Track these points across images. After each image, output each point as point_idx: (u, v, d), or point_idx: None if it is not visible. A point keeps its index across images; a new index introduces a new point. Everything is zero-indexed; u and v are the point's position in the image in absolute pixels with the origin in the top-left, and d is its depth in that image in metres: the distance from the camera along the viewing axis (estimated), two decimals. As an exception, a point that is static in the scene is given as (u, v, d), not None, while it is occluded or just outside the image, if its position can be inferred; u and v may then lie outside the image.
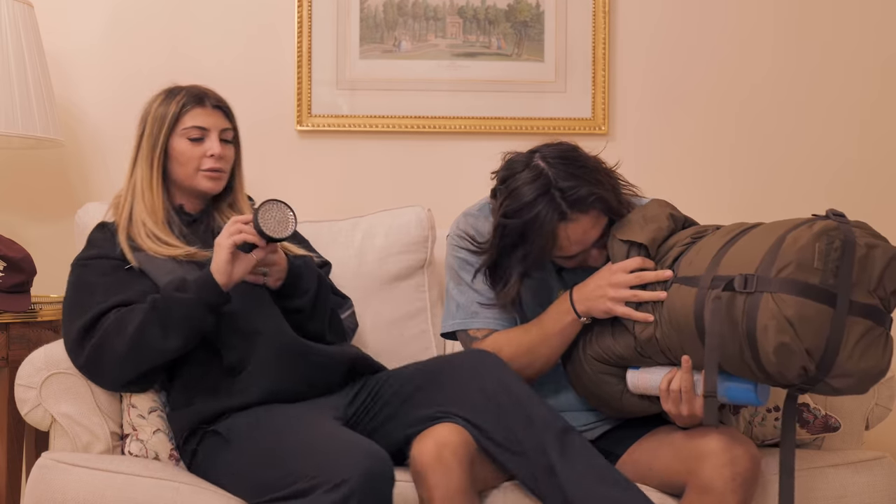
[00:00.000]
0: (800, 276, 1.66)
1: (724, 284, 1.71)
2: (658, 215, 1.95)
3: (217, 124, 2.20)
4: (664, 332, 1.83)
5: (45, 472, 1.91)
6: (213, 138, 2.19)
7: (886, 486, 1.99)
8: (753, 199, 2.89)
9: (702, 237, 1.88)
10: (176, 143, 2.18)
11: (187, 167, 2.18)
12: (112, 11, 2.81)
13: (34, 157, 2.79)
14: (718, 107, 2.90)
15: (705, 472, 1.79)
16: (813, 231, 1.69)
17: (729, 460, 1.79)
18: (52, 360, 2.04)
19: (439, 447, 1.79)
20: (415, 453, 1.82)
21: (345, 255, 2.53)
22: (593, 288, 1.92)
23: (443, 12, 2.85)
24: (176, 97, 2.20)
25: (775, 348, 1.65)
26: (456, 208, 2.34)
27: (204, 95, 2.21)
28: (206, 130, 2.19)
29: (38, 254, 2.48)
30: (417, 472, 1.81)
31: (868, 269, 1.69)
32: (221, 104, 2.23)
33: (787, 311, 1.65)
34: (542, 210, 1.90)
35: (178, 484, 1.91)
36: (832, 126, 2.91)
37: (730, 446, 1.80)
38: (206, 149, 2.18)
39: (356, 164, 2.86)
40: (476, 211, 2.19)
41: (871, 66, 2.91)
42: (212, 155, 2.18)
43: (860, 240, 1.70)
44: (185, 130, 2.18)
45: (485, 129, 2.84)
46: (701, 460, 1.81)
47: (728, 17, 2.90)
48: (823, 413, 2.13)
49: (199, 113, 2.19)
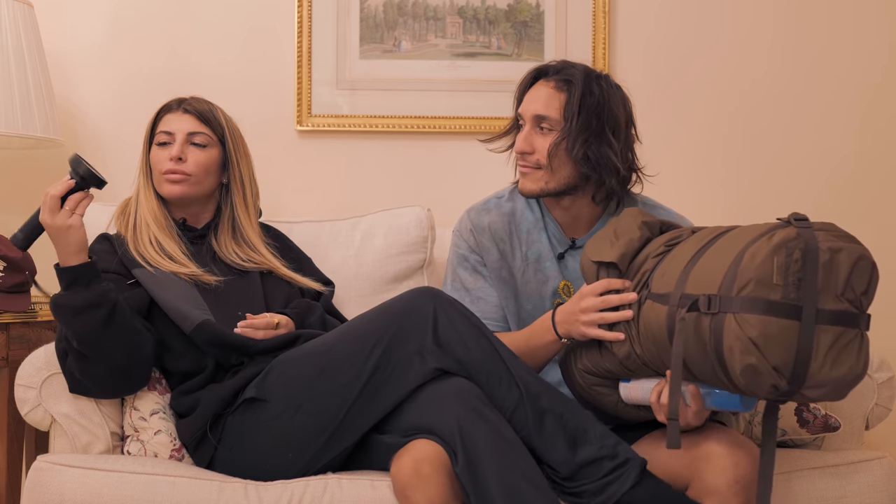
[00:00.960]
0: (760, 293, 1.62)
1: (689, 304, 1.68)
2: (629, 227, 1.94)
3: (183, 128, 2.17)
4: (643, 347, 1.83)
5: (41, 474, 1.91)
6: (179, 141, 2.16)
7: (886, 486, 1.99)
8: (753, 197, 2.89)
9: (675, 245, 1.86)
10: (152, 152, 2.19)
11: (155, 172, 2.18)
12: (112, 11, 2.81)
13: (34, 157, 2.79)
14: (718, 106, 2.90)
15: (708, 475, 1.79)
16: (771, 244, 1.63)
17: (732, 464, 1.78)
18: (52, 360, 2.03)
19: (417, 462, 1.77)
20: (393, 472, 1.80)
21: (344, 256, 2.53)
22: (568, 313, 1.95)
23: (443, 12, 2.85)
24: (160, 107, 2.21)
25: (742, 370, 1.62)
26: (456, 208, 2.35)
27: (180, 101, 2.20)
28: (172, 135, 2.17)
29: (39, 254, 2.48)
30: (399, 491, 1.80)
31: (834, 274, 1.64)
32: (196, 108, 2.19)
33: (750, 331, 1.61)
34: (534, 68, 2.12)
35: (174, 479, 1.90)
36: (830, 124, 2.91)
37: (732, 450, 1.79)
38: (170, 153, 2.16)
39: (356, 164, 2.86)
40: (481, 205, 2.21)
41: (869, 65, 2.91)
42: (171, 158, 2.15)
43: (823, 244, 1.64)
44: (157, 136, 2.18)
45: (485, 129, 2.84)
46: (703, 463, 1.80)
47: (727, 17, 2.90)
48: (823, 413, 2.12)
49: (168, 119, 2.19)
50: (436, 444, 1.81)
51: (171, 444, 2.06)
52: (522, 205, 2.18)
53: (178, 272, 2.10)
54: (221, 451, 1.98)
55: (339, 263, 2.49)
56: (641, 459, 1.83)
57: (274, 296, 2.18)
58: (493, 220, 2.17)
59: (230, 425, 1.97)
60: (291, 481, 1.91)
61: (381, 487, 1.89)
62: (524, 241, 2.16)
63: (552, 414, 1.85)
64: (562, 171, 2.05)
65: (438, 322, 1.88)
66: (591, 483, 1.81)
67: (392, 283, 2.54)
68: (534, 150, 2.06)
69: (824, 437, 2.14)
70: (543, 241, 2.16)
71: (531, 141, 2.06)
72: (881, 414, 2.17)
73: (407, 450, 1.82)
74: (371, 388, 1.87)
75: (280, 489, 1.89)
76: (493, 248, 2.16)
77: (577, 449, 1.82)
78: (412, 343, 1.87)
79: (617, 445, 1.83)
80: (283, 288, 2.21)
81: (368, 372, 1.87)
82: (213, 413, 1.98)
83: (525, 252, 2.16)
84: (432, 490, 1.75)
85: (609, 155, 2.03)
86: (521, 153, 2.07)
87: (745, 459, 1.79)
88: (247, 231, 2.24)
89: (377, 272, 2.53)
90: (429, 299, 1.90)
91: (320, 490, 1.89)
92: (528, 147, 2.06)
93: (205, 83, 2.80)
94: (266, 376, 1.96)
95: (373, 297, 2.50)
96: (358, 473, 1.94)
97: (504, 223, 2.17)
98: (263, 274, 2.21)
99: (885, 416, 2.18)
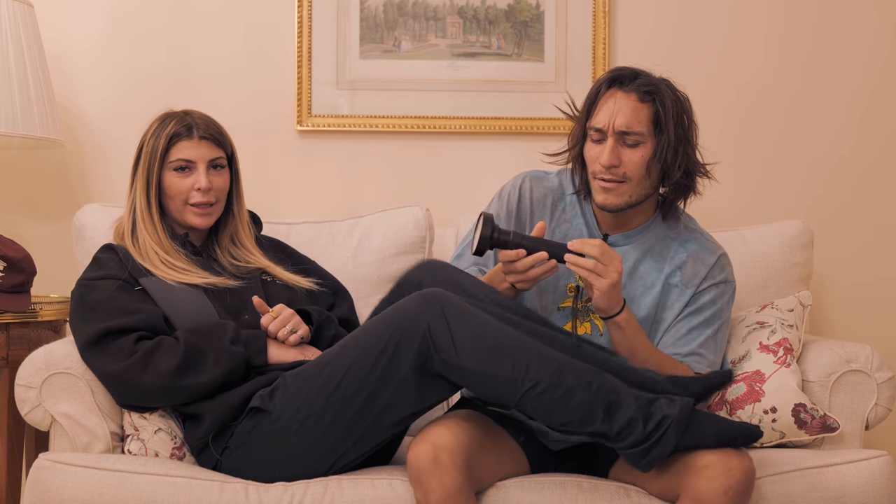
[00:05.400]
0: None
1: None
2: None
3: (204, 156, 2.17)
4: None
5: (43, 472, 1.91)
6: (201, 171, 2.16)
7: (886, 486, 1.99)
8: (752, 196, 2.89)
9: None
10: (165, 176, 2.17)
11: (176, 201, 2.17)
12: (112, 11, 2.81)
13: (34, 157, 2.79)
14: (717, 106, 2.90)
15: (698, 483, 1.78)
16: None
17: (722, 472, 1.76)
18: (52, 360, 2.03)
19: (436, 450, 1.79)
20: (411, 457, 1.81)
21: (342, 257, 2.53)
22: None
23: (443, 12, 2.85)
24: (166, 129, 2.17)
25: None
26: (456, 208, 2.35)
27: (193, 126, 2.18)
28: (193, 163, 2.17)
29: (38, 254, 2.49)
30: (414, 476, 1.81)
31: None
32: (210, 132, 2.19)
33: None
34: (605, 75, 2.09)
35: (175, 479, 1.90)
36: (828, 122, 2.91)
37: (724, 458, 1.78)
38: (194, 182, 2.16)
39: (356, 164, 2.86)
40: (542, 173, 2.24)
41: (868, 60, 2.91)
42: (199, 188, 2.16)
43: None
44: (172, 163, 2.17)
45: (485, 129, 2.84)
46: (695, 471, 1.79)
47: (726, 17, 2.90)
48: (822, 414, 2.12)
49: (185, 146, 2.17)
50: (454, 430, 1.82)
51: (171, 442, 2.06)
52: (568, 186, 2.20)
53: (187, 281, 2.11)
54: (227, 458, 1.99)
55: (337, 265, 2.49)
56: (682, 407, 1.78)
57: (276, 299, 2.18)
58: (536, 191, 2.19)
59: (238, 434, 1.98)
60: (292, 483, 1.91)
61: (381, 487, 1.90)
62: (556, 218, 2.17)
63: (581, 389, 1.79)
64: (645, 183, 2.06)
65: (438, 330, 1.83)
66: (633, 448, 1.78)
67: (390, 283, 2.53)
68: (621, 162, 2.04)
69: (824, 438, 2.14)
70: (578, 223, 2.16)
71: (619, 154, 2.04)
72: (881, 414, 2.17)
73: (425, 435, 1.82)
74: (376, 400, 1.87)
75: (280, 490, 1.90)
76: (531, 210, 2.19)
77: (613, 418, 1.77)
78: (411, 353, 1.84)
79: (651, 405, 1.79)
80: (284, 292, 2.22)
81: (371, 384, 1.86)
82: (221, 422, 1.98)
83: (553, 228, 2.17)
84: (449, 480, 1.77)
85: (696, 160, 2.08)
86: (608, 167, 2.05)
87: (738, 468, 1.77)
88: (240, 233, 2.27)
89: (375, 273, 2.53)
90: (426, 306, 1.85)
91: (321, 491, 1.89)
92: (617, 160, 2.04)
93: (205, 83, 2.80)
94: (274, 390, 1.96)
95: (372, 298, 2.49)
96: (358, 473, 1.94)
97: (542, 196, 2.19)
98: (265, 281, 2.22)
99: (885, 416, 2.18)
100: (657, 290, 2.11)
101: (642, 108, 2.03)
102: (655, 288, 2.11)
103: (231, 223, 2.26)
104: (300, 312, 2.15)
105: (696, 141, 2.10)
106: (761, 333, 2.22)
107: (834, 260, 2.86)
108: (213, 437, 1.99)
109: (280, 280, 2.23)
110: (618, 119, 2.03)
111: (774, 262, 2.57)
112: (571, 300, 2.13)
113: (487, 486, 1.92)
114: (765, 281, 2.55)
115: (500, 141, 2.82)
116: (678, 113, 2.05)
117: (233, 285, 2.15)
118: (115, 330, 2.01)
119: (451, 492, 1.77)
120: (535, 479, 1.95)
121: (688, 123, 2.07)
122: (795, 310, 2.27)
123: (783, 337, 2.20)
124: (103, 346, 2.01)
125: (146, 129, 2.20)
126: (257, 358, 2.03)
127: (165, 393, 2.00)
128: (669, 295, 2.12)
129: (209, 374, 1.98)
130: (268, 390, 1.97)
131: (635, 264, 2.12)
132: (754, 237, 2.61)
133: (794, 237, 2.60)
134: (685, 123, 2.06)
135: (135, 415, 2.06)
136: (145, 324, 2.03)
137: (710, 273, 2.12)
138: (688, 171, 2.07)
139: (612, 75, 2.08)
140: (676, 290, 2.11)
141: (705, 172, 2.11)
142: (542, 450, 2.04)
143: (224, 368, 1.98)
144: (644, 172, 2.04)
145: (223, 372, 1.98)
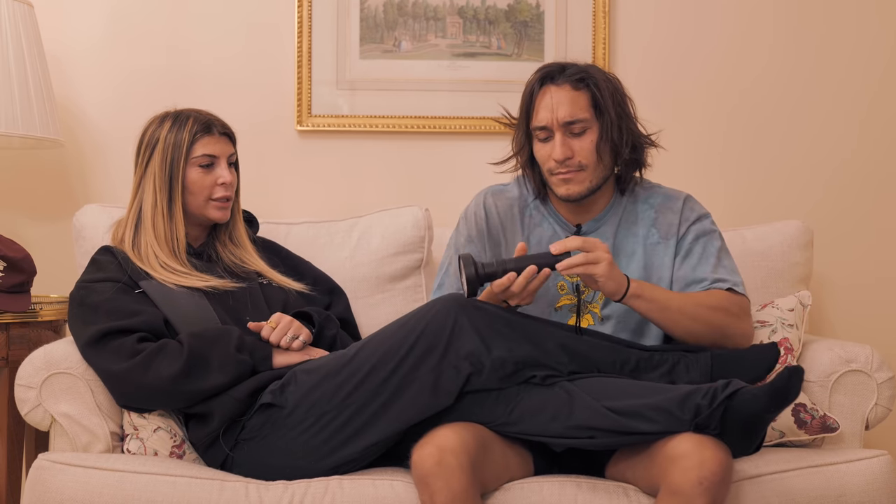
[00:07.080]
0: None
1: None
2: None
3: (225, 151, 2.22)
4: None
5: (42, 472, 1.91)
6: (223, 165, 2.21)
7: (886, 486, 1.99)
8: (753, 197, 2.89)
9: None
10: (189, 172, 2.19)
11: (199, 196, 2.19)
12: (112, 11, 2.81)
13: (34, 157, 2.79)
14: (718, 106, 2.90)
15: (674, 474, 1.76)
16: None
17: (697, 463, 1.74)
18: (52, 360, 2.04)
19: (441, 452, 1.78)
20: (416, 459, 1.81)
21: (341, 257, 2.53)
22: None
23: (443, 12, 2.85)
24: (186, 125, 2.19)
25: None
26: (456, 208, 2.35)
27: (211, 122, 2.21)
28: (216, 158, 2.20)
29: (38, 254, 2.48)
30: (419, 478, 1.80)
31: None
32: (227, 130, 2.25)
33: None
34: (534, 75, 2.13)
35: (174, 478, 1.90)
36: (830, 124, 2.91)
37: (699, 449, 1.76)
38: (217, 177, 2.20)
39: (356, 164, 2.86)
40: (501, 186, 2.26)
41: (870, 64, 2.91)
42: (222, 183, 2.19)
43: None
44: (196, 159, 2.18)
45: (485, 129, 2.84)
46: (671, 463, 1.78)
47: (727, 17, 2.90)
48: (821, 414, 2.12)
49: (208, 142, 2.19)
50: (459, 432, 1.82)
51: (170, 440, 2.06)
52: (525, 191, 2.23)
53: (188, 284, 2.11)
54: (238, 453, 1.99)
55: (335, 264, 2.49)
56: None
57: (273, 301, 2.19)
58: (500, 204, 2.21)
59: (250, 428, 1.98)
60: (293, 482, 1.91)
61: (381, 487, 1.90)
62: (526, 226, 2.19)
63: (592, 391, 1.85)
64: (600, 166, 2.11)
65: (461, 334, 1.87)
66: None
67: (389, 283, 2.54)
68: (573, 153, 2.08)
69: (824, 438, 2.14)
70: (547, 225, 2.18)
71: (569, 145, 2.08)
72: (881, 414, 2.17)
73: (430, 438, 1.82)
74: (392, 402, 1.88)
75: (281, 489, 1.90)
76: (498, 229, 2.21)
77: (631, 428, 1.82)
78: (434, 358, 1.86)
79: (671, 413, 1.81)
80: (280, 294, 2.23)
81: (393, 386, 1.87)
82: (230, 417, 1.99)
83: (527, 236, 2.18)
84: (455, 481, 1.77)
85: (638, 132, 2.13)
86: (562, 160, 2.08)
87: (712, 460, 1.75)
88: (239, 232, 2.28)
89: (374, 273, 2.53)
90: (451, 311, 1.89)
91: (321, 491, 1.89)
92: (570, 152, 2.08)
93: (205, 83, 2.80)
94: (285, 385, 1.97)
95: (370, 298, 2.50)
96: (358, 473, 1.94)
97: (508, 207, 2.21)
98: (262, 283, 2.23)
99: (885, 416, 2.18)
100: (639, 255, 2.15)
101: (579, 96, 2.08)
102: (637, 254, 2.15)
103: (231, 221, 2.27)
104: (301, 314, 2.15)
105: (634, 114, 2.15)
106: (762, 332, 2.22)
107: (834, 260, 2.86)
108: (223, 433, 1.99)
109: (276, 283, 2.24)
110: (559, 112, 2.07)
111: (774, 262, 2.57)
112: (567, 298, 2.14)
113: (493, 490, 1.91)
114: (765, 281, 2.55)
115: (499, 141, 2.81)
116: (613, 92, 2.10)
117: (232, 287, 2.16)
118: (116, 330, 2.01)
119: (456, 493, 1.76)
120: (535, 480, 1.95)
121: (623, 99, 2.12)
122: (796, 309, 2.27)
123: (784, 336, 2.20)
124: (104, 345, 2.01)
125: (153, 128, 2.21)
126: (262, 365, 2.04)
127: (166, 396, 2.00)
128: (655, 254, 2.15)
129: (212, 380, 1.98)
130: (278, 384, 1.97)
131: (613, 240, 2.16)
132: (754, 237, 2.61)
133: (794, 237, 2.60)
134: (621, 100, 2.11)
135: (134, 414, 2.06)
136: (146, 325, 2.03)
137: (682, 216, 2.16)
138: (635, 146, 2.13)
139: (542, 74, 2.13)
140: (660, 246, 2.15)
141: (651, 142, 2.16)
142: (546, 451, 2.04)
143: (229, 377, 1.99)
144: (597, 157, 2.09)
145: (228, 380, 1.99)
